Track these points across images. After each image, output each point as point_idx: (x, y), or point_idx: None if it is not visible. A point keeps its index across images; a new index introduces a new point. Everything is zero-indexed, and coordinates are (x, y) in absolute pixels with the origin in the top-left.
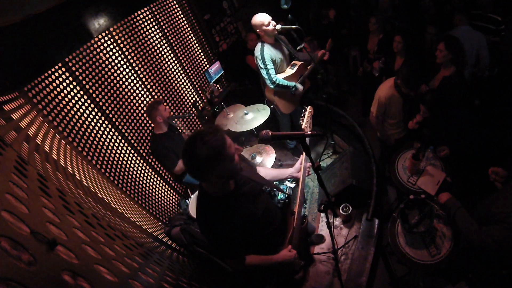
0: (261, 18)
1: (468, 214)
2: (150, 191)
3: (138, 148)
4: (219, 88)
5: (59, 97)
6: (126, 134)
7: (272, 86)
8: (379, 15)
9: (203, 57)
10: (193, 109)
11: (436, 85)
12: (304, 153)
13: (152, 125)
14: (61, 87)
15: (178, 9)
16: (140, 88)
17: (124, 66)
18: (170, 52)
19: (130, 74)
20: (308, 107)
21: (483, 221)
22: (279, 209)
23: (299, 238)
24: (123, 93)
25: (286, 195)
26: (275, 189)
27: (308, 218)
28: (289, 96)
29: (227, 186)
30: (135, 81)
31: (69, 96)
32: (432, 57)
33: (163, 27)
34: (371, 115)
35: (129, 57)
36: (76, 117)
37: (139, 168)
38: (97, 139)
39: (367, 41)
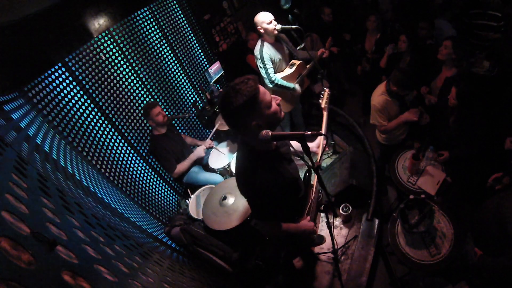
0: (263, 17)
1: None
2: (150, 191)
3: (138, 148)
4: (219, 88)
5: (59, 97)
6: (126, 134)
7: (271, 85)
8: (379, 14)
9: (203, 57)
10: (193, 109)
11: (439, 85)
12: (323, 130)
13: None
14: (61, 87)
15: (178, 9)
16: (140, 88)
17: (124, 66)
18: (170, 52)
19: (130, 74)
20: (327, 89)
21: (491, 225)
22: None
23: (316, 211)
24: (123, 93)
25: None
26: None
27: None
28: (288, 95)
29: (269, 141)
30: (135, 81)
31: (69, 96)
32: (432, 54)
33: (163, 27)
34: (378, 127)
35: (129, 57)
36: (76, 117)
37: (139, 168)
38: (97, 139)
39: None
